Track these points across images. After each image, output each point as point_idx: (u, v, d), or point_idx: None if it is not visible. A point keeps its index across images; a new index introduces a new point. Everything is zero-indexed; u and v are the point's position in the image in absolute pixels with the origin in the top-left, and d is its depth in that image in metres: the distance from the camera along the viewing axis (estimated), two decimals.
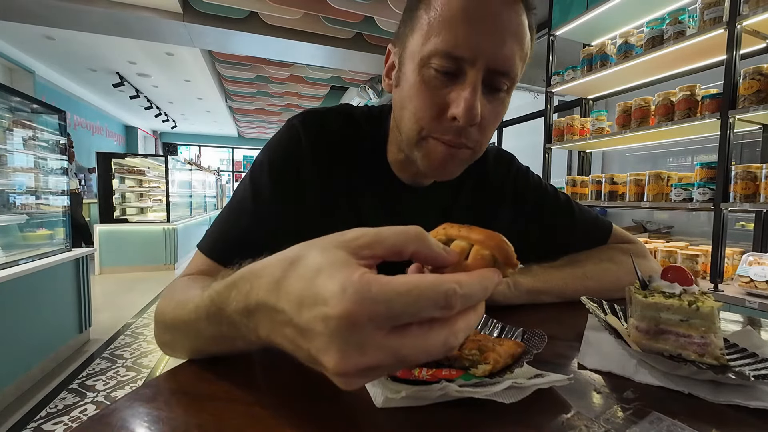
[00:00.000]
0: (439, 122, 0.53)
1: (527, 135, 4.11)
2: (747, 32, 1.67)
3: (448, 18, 0.48)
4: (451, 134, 0.53)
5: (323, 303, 0.22)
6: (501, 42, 0.49)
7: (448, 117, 0.51)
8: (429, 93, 0.52)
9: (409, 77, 0.54)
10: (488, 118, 0.53)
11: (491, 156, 0.75)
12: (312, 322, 0.23)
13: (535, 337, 0.40)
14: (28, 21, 3.69)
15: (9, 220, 2.32)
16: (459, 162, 0.57)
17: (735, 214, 2.19)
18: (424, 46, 0.50)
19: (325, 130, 0.64)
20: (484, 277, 0.25)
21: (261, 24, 3.83)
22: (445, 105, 0.51)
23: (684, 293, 0.42)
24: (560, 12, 2.54)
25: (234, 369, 0.39)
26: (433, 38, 0.50)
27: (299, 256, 0.26)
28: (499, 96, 0.53)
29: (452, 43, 0.48)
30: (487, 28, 0.48)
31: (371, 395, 0.32)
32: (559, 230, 0.75)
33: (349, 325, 0.21)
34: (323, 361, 0.22)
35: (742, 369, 0.37)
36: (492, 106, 0.53)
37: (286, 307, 0.24)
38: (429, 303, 0.22)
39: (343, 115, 0.67)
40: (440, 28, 0.49)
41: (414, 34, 0.53)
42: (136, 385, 2.15)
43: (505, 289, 0.60)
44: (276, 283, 0.26)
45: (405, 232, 0.26)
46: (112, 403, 0.32)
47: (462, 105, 0.49)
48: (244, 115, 8.91)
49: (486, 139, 0.56)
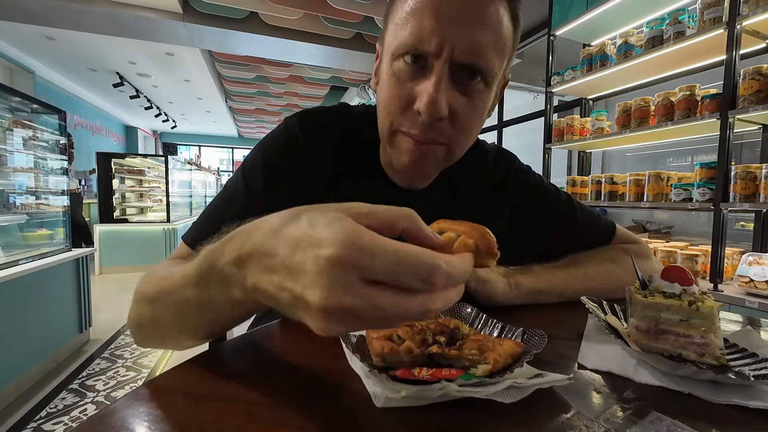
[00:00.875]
0: (406, 116, 0.52)
1: (527, 135, 4.11)
2: (747, 32, 1.67)
3: (415, 10, 0.48)
4: (418, 129, 0.51)
5: (317, 245, 0.24)
6: (467, 33, 0.47)
7: (415, 111, 0.50)
8: (397, 86, 0.51)
9: (384, 72, 0.54)
10: (462, 113, 0.51)
11: (491, 157, 0.74)
12: (303, 262, 0.24)
13: (535, 337, 0.40)
14: (29, 21, 3.69)
15: (9, 220, 2.32)
16: (433, 161, 0.55)
17: (735, 214, 2.19)
18: (394, 40, 0.51)
19: (322, 130, 0.63)
20: (466, 261, 0.27)
21: (261, 24, 3.83)
22: (411, 99, 0.50)
23: (684, 293, 0.42)
24: (560, 12, 2.54)
25: (234, 369, 0.39)
26: (401, 31, 0.49)
27: (300, 213, 0.28)
28: (475, 89, 0.51)
29: (417, 36, 0.48)
30: (454, 19, 0.47)
31: (371, 395, 0.32)
32: (561, 231, 0.73)
33: (337, 266, 0.23)
34: (308, 297, 0.24)
35: (742, 369, 0.37)
36: (467, 100, 0.51)
37: (280, 250, 0.26)
38: (410, 270, 0.24)
39: (340, 115, 0.66)
40: (407, 21, 0.49)
41: (389, 28, 0.53)
42: (136, 385, 2.15)
43: (506, 290, 0.59)
44: (274, 230, 0.28)
45: (399, 210, 0.28)
46: (112, 403, 0.32)
47: (424, 99, 0.48)
48: (244, 115, 8.91)
49: (464, 135, 0.54)
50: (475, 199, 0.71)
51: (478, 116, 0.53)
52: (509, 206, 0.73)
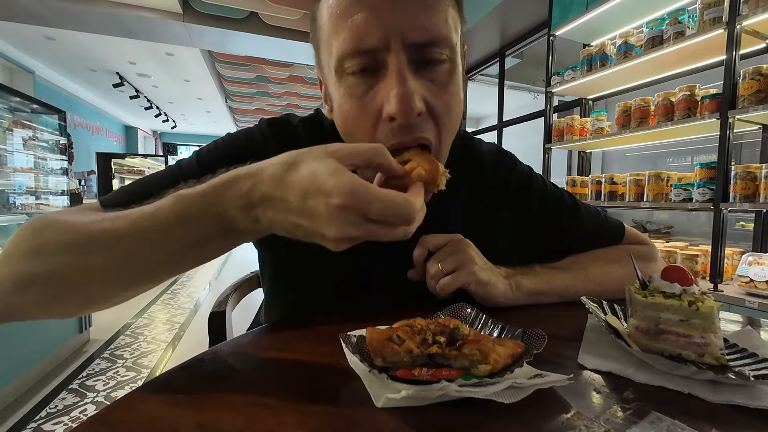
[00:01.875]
0: (380, 129, 0.46)
1: (527, 135, 4.11)
2: (747, 32, 1.67)
3: (340, 13, 0.44)
4: (398, 135, 0.46)
5: (327, 194, 0.32)
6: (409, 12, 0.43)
7: (386, 119, 0.45)
8: (356, 103, 0.46)
9: (334, 96, 0.50)
10: (439, 101, 0.46)
11: (489, 158, 0.71)
12: (316, 207, 0.32)
13: (535, 337, 0.40)
14: (29, 21, 3.69)
15: (9, 220, 2.32)
16: None
17: (735, 214, 2.19)
18: (331, 54, 0.46)
19: (292, 141, 0.59)
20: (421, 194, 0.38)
21: (261, 24, 3.83)
22: (378, 109, 0.45)
23: (684, 293, 0.42)
24: (560, 12, 2.54)
25: (234, 369, 0.39)
26: (334, 42, 0.45)
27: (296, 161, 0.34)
28: (441, 71, 0.46)
29: (354, 36, 0.43)
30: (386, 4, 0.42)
31: (371, 395, 0.32)
32: (567, 235, 0.71)
33: (344, 211, 0.32)
34: (324, 232, 0.33)
35: (742, 369, 0.37)
36: (438, 88, 0.46)
37: (292, 197, 0.33)
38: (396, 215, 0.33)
39: (311, 124, 0.65)
40: (337, 29, 0.44)
41: (322, 51, 0.50)
42: (136, 385, 2.15)
43: (507, 291, 0.58)
44: (279, 179, 0.34)
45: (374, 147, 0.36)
46: (112, 403, 0.32)
47: (393, 99, 0.43)
48: (244, 116, 8.91)
49: (447, 127, 0.49)
50: (474, 203, 0.69)
51: (455, 102, 0.49)
52: (511, 210, 0.71)
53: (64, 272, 0.37)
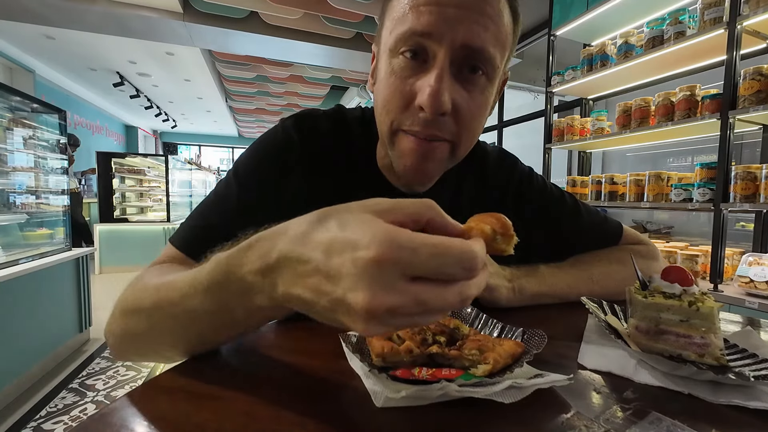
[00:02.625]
0: (407, 113, 0.50)
1: (527, 135, 4.11)
2: (747, 32, 1.67)
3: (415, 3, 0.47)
4: (420, 125, 0.49)
5: (353, 247, 0.24)
6: (469, 24, 0.46)
7: (416, 107, 0.48)
8: (397, 82, 0.49)
9: (381, 70, 0.53)
10: (465, 108, 0.49)
11: (492, 159, 0.72)
12: (341, 265, 0.24)
13: (535, 337, 0.40)
14: (29, 20, 3.69)
15: (9, 219, 2.32)
16: (437, 161, 0.53)
17: (735, 215, 2.19)
18: (391, 34, 0.49)
19: (318, 133, 0.62)
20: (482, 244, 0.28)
21: (261, 24, 3.82)
22: (412, 94, 0.49)
23: (684, 294, 0.42)
24: (560, 12, 2.54)
25: (234, 369, 0.39)
26: (399, 26, 0.48)
27: (325, 215, 0.28)
28: (477, 83, 0.50)
29: (417, 26, 0.46)
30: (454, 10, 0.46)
31: (371, 395, 0.32)
32: (567, 234, 0.72)
33: (378, 266, 0.23)
34: (351, 300, 0.24)
35: (742, 369, 0.37)
36: (470, 95, 0.49)
37: (314, 255, 0.26)
38: (453, 259, 0.24)
39: (335, 118, 0.65)
40: (407, 14, 0.47)
41: (385, 25, 0.52)
42: (136, 384, 2.15)
43: (510, 295, 0.59)
44: (302, 235, 0.27)
45: (422, 202, 0.29)
46: (112, 403, 0.32)
47: (426, 91, 0.46)
48: (245, 115, 8.91)
49: (468, 132, 0.52)
50: (477, 202, 0.69)
51: (481, 112, 0.52)
52: (512, 211, 0.70)
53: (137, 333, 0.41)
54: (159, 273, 0.45)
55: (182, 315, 0.36)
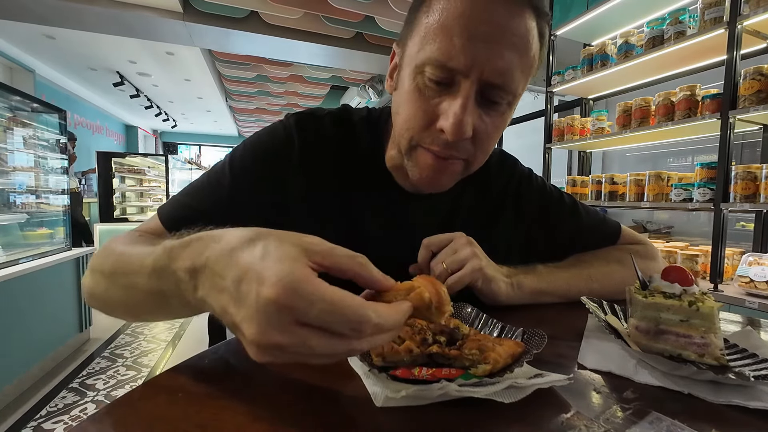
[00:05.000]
0: (428, 132, 0.51)
1: (527, 135, 4.11)
2: (747, 32, 1.67)
3: (445, 25, 0.46)
4: (440, 145, 0.51)
5: (260, 282, 0.25)
6: (498, 54, 0.46)
7: (437, 128, 0.49)
8: (421, 101, 0.50)
9: (404, 82, 0.52)
10: (484, 132, 0.51)
11: (493, 160, 0.72)
12: (246, 295, 0.26)
13: (535, 337, 0.40)
14: (29, 20, 3.69)
15: (9, 219, 2.32)
16: (450, 174, 0.55)
17: (735, 214, 2.19)
18: (419, 52, 0.49)
19: (321, 135, 0.62)
20: (399, 311, 0.29)
21: (261, 23, 3.82)
22: (435, 115, 0.49)
23: (684, 293, 0.42)
24: (561, 12, 2.54)
25: (234, 369, 0.39)
26: (428, 45, 0.48)
27: (258, 237, 0.29)
28: (498, 109, 0.51)
29: (446, 53, 0.46)
30: (484, 38, 0.46)
31: (371, 395, 0.32)
32: (566, 234, 0.73)
33: (274, 307, 0.25)
34: (245, 329, 0.26)
35: (742, 369, 0.37)
36: (490, 119, 0.51)
37: (229, 274, 0.27)
38: (343, 320, 0.25)
39: (341, 119, 0.65)
40: (436, 35, 0.47)
41: (413, 37, 0.51)
42: (136, 384, 2.15)
43: (509, 290, 0.59)
44: (230, 251, 0.28)
45: (353, 257, 0.30)
46: (112, 402, 0.32)
47: (450, 119, 0.47)
48: (245, 115, 8.90)
49: (483, 152, 0.54)
50: (477, 205, 0.70)
51: (497, 134, 0.54)
52: (512, 211, 0.72)
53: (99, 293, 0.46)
54: (130, 241, 0.48)
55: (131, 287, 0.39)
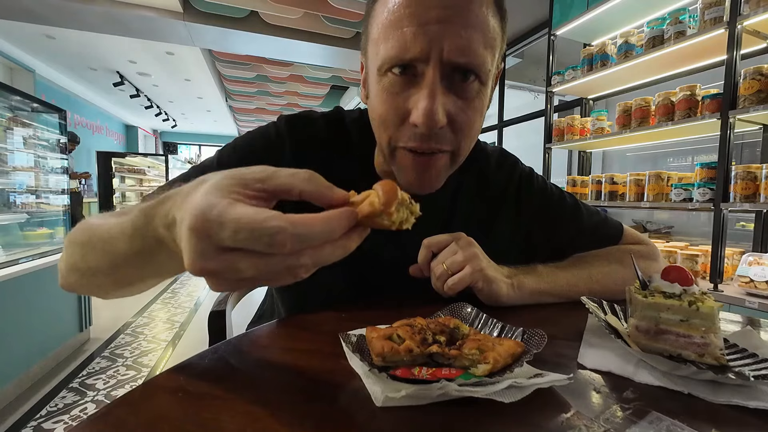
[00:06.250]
0: (403, 130, 0.50)
1: (527, 135, 4.10)
2: (747, 32, 1.67)
3: (394, 20, 0.46)
4: (417, 140, 0.49)
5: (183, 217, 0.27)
6: (455, 33, 0.45)
7: (411, 123, 0.48)
8: (390, 100, 0.49)
9: (373, 87, 0.52)
10: (462, 117, 0.49)
11: (493, 159, 0.72)
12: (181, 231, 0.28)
13: (535, 337, 0.40)
14: (29, 20, 3.69)
15: (9, 219, 2.32)
16: (437, 171, 0.53)
17: (735, 214, 2.18)
18: (378, 54, 0.49)
19: (313, 138, 0.62)
20: (326, 218, 0.27)
21: (261, 23, 3.82)
22: (407, 111, 0.49)
23: (684, 293, 0.42)
24: (560, 12, 2.54)
25: (234, 369, 0.39)
26: (383, 44, 0.48)
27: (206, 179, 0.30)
28: (471, 90, 0.49)
29: (401, 46, 0.46)
30: (436, 20, 0.45)
31: (371, 394, 0.32)
32: (567, 233, 0.72)
33: (194, 236, 0.26)
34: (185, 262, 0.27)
35: (742, 369, 0.37)
36: (464, 102, 0.49)
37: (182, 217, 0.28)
38: (253, 235, 0.25)
39: (333, 121, 0.65)
40: (389, 32, 0.47)
41: (370, 42, 0.51)
42: (136, 384, 2.15)
43: (510, 291, 0.58)
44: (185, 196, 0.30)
45: (295, 174, 0.30)
46: (112, 402, 0.32)
47: (420, 110, 0.46)
48: (245, 115, 8.90)
49: (467, 139, 0.52)
50: (476, 205, 0.70)
51: (477, 117, 0.52)
52: (512, 211, 0.71)
53: (77, 265, 0.45)
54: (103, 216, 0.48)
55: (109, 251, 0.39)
